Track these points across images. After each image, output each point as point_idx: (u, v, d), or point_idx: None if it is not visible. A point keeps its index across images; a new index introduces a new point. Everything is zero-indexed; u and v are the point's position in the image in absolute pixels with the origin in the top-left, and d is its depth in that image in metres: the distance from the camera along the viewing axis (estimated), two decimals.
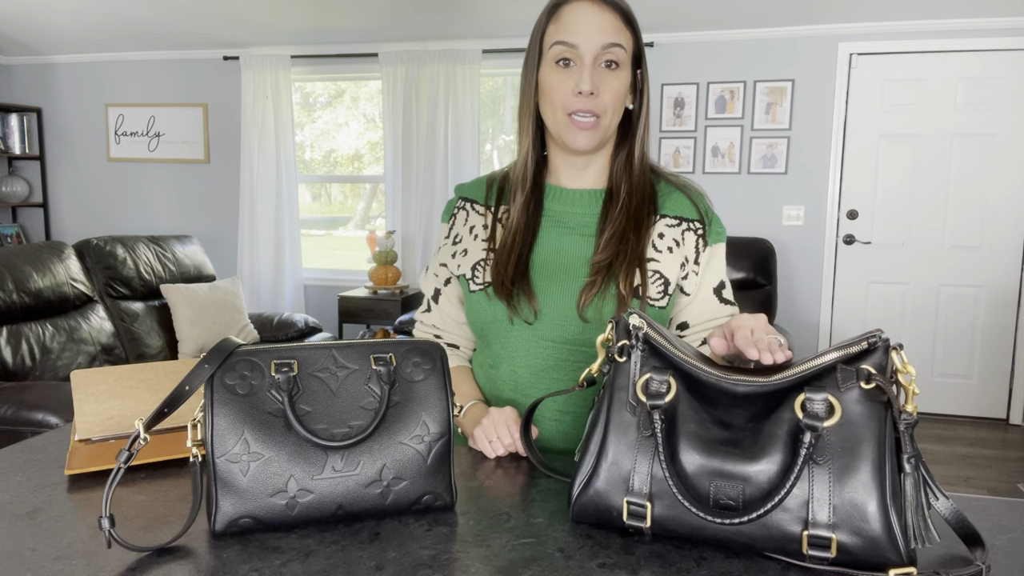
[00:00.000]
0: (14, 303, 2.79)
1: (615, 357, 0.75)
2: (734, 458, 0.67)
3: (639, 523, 0.69)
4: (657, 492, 0.69)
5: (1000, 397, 4.02)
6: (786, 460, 0.66)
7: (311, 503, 0.72)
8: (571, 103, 1.00)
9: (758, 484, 0.66)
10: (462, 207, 1.17)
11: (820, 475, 0.65)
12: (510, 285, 1.04)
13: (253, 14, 4.10)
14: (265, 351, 0.74)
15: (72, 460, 0.87)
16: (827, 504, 0.64)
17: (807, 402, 0.66)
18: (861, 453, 0.64)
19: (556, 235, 1.08)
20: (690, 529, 0.68)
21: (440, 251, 1.18)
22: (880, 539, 0.63)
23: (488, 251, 1.09)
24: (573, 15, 1.00)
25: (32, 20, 4.31)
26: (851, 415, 0.66)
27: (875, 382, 0.65)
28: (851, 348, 0.68)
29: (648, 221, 1.06)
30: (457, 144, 4.45)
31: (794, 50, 4.05)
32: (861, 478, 0.64)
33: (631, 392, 0.73)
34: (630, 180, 1.07)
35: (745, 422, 0.69)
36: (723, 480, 0.67)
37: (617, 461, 0.71)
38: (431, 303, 1.19)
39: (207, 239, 5.04)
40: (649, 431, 0.70)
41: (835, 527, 0.64)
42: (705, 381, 0.70)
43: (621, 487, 0.70)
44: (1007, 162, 3.87)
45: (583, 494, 0.72)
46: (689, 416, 0.70)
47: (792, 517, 0.65)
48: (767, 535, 0.66)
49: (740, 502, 0.67)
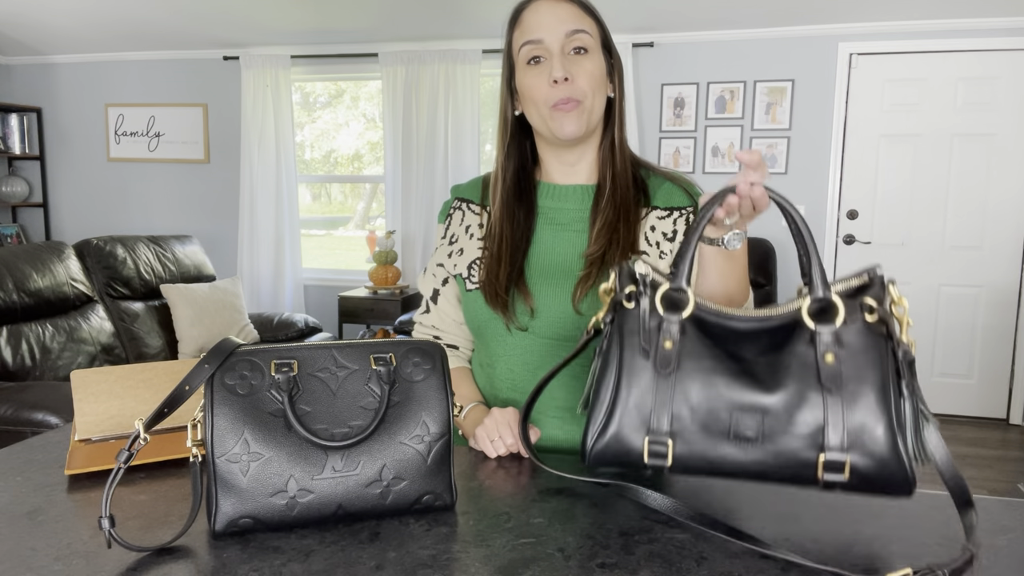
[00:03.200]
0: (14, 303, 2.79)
1: (623, 303, 0.76)
2: (751, 389, 0.70)
3: (660, 461, 0.71)
4: (677, 429, 0.71)
5: (1000, 397, 4.02)
6: (801, 389, 0.69)
7: (311, 503, 0.72)
8: (550, 95, 1.02)
9: (775, 414, 0.69)
10: (458, 207, 1.18)
11: (833, 403, 0.68)
12: (504, 294, 1.05)
13: (253, 14, 4.10)
14: (265, 351, 0.74)
15: (72, 460, 0.87)
16: (840, 428, 0.68)
17: (817, 334, 0.69)
18: (868, 380, 0.68)
19: (550, 233, 1.09)
20: (709, 463, 0.71)
21: (437, 252, 1.19)
22: (888, 459, 0.67)
23: (483, 250, 1.10)
24: (533, 15, 1.04)
25: (32, 20, 4.31)
26: (857, 345, 0.69)
27: (878, 314, 0.69)
28: (852, 282, 0.72)
29: (638, 212, 1.07)
30: (457, 144, 4.45)
31: (794, 50, 4.05)
32: (869, 403, 0.68)
33: (643, 336, 0.74)
34: (614, 170, 1.09)
35: (757, 356, 0.72)
36: (741, 412, 0.70)
37: (635, 404, 0.72)
38: (430, 304, 1.19)
39: (207, 239, 5.04)
40: (667, 369, 0.72)
41: (848, 450, 0.67)
42: (712, 323, 0.73)
43: (641, 428, 0.72)
44: (1007, 162, 3.87)
45: (600, 440, 0.73)
46: (702, 353, 0.72)
47: (807, 444, 0.68)
48: (783, 463, 0.69)
49: (758, 433, 0.69)
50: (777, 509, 0.78)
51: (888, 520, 0.76)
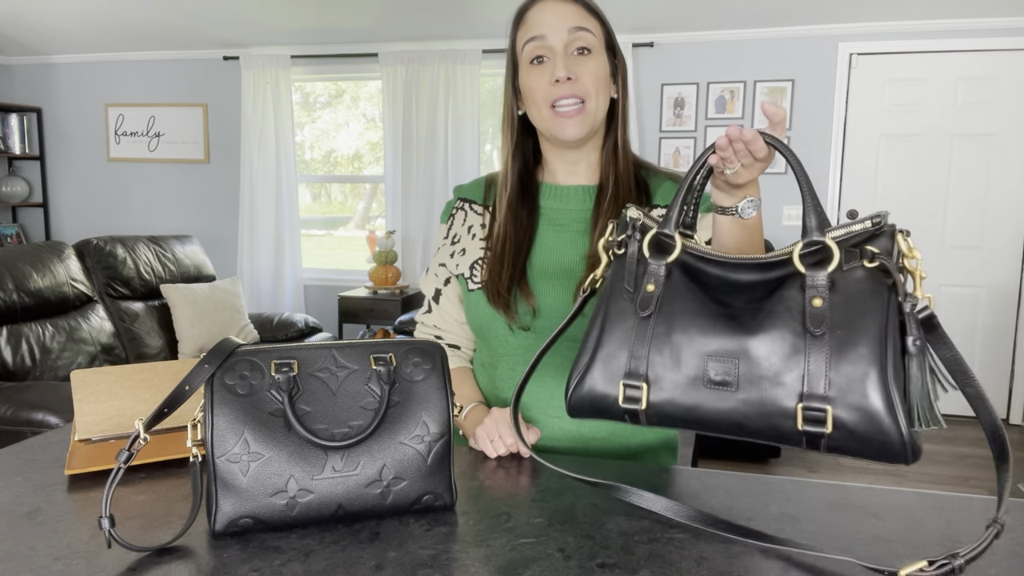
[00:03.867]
0: (14, 303, 2.79)
1: (615, 252, 0.75)
2: (732, 333, 0.67)
3: (635, 406, 0.69)
4: (653, 375, 0.69)
5: (1000, 397, 4.02)
6: (784, 334, 0.65)
7: (311, 503, 0.72)
8: (552, 93, 1.02)
9: (754, 359, 0.66)
10: (460, 207, 1.18)
11: (817, 349, 0.63)
12: (507, 294, 1.05)
13: (253, 14, 4.10)
14: (265, 351, 0.74)
15: (72, 460, 0.87)
16: (823, 377, 0.63)
17: (807, 278, 0.65)
18: (861, 328, 0.63)
19: (552, 235, 1.09)
20: (684, 410, 0.68)
21: (439, 251, 1.19)
22: (879, 413, 0.61)
23: (486, 250, 1.10)
24: (537, 14, 1.04)
25: (32, 20, 4.31)
26: (853, 292, 0.64)
27: (879, 261, 0.64)
28: (854, 227, 0.67)
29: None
30: (457, 144, 4.45)
31: (794, 50, 4.05)
32: (860, 351, 0.62)
33: (628, 278, 0.72)
34: (616, 171, 1.09)
35: (744, 304, 0.69)
36: (719, 356, 0.67)
37: (615, 348, 0.70)
38: (431, 304, 1.19)
39: (207, 239, 5.04)
40: (646, 311, 0.69)
41: (831, 400, 0.63)
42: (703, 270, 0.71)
43: (618, 373, 0.70)
44: (1007, 162, 3.87)
45: (580, 386, 0.72)
46: (686, 296, 0.70)
47: (787, 392, 0.64)
48: (761, 411, 0.65)
49: (736, 379, 0.66)
50: (777, 509, 0.78)
51: (889, 520, 0.76)
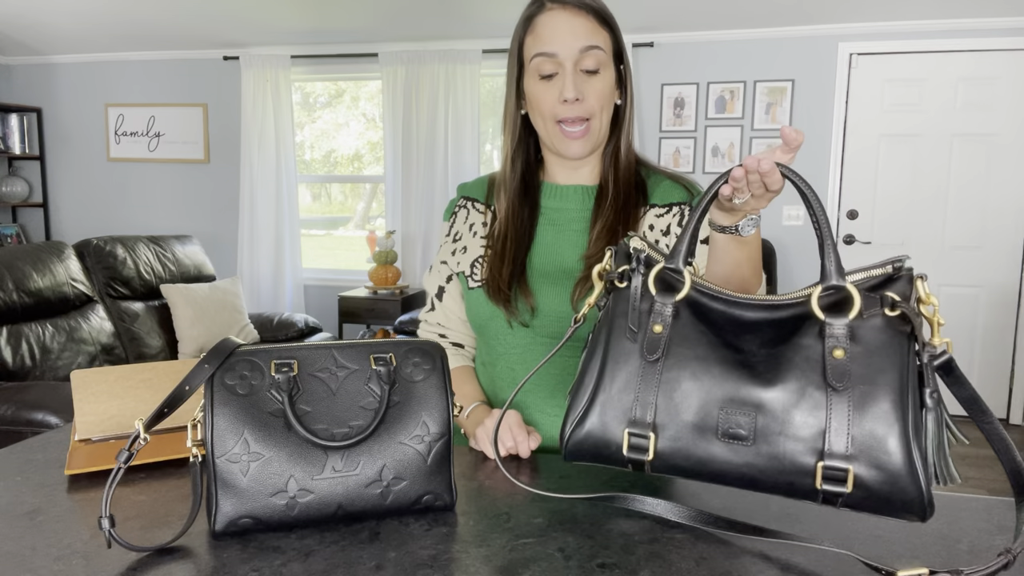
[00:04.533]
0: (14, 303, 2.79)
1: (615, 283, 0.71)
2: (747, 382, 0.63)
3: (641, 456, 0.65)
4: (662, 422, 0.65)
5: (1000, 397, 4.02)
6: (803, 386, 0.62)
7: (311, 503, 0.72)
8: (558, 111, 1.02)
9: (771, 412, 0.62)
10: (463, 205, 1.18)
11: (839, 404, 0.61)
12: (507, 290, 1.05)
13: (253, 14, 4.10)
14: (265, 351, 0.74)
15: (72, 460, 0.87)
16: (845, 434, 0.60)
17: (827, 326, 0.62)
18: (883, 382, 0.60)
19: (552, 234, 1.10)
20: (695, 463, 0.64)
21: (442, 249, 1.19)
22: (900, 473, 0.59)
23: (486, 248, 1.11)
24: (548, 25, 1.02)
25: (32, 20, 4.31)
26: (873, 343, 0.61)
27: (900, 309, 0.61)
28: (874, 272, 0.64)
29: (637, 213, 1.08)
30: (457, 144, 4.45)
31: (794, 50, 4.05)
32: (882, 407, 0.60)
33: (632, 317, 0.68)
34: (617, 173, 1.09)
35: (758, 348, 0.65)
36: (734, 407, 0.63)
37: (618, 392, 0.66)
38: (435, 301, 1.19)
39: (207, 239, 5.04)
40: (654, 355, 0.65)
41: (852, 458, 0.60)
42: (711, 307, 0.67)
43: (621, 419, 0.66)
44: (1007, 162, 3.87)
45: (578, 430, 0.67)
46: (696, 339, 0.66)
47: (806, 448, 0.61)
48: (778, 468, 0.62)
49: (752, 432, 0.62)
50: (777, 509, 0.78)
51: (889, 520, 0.76)
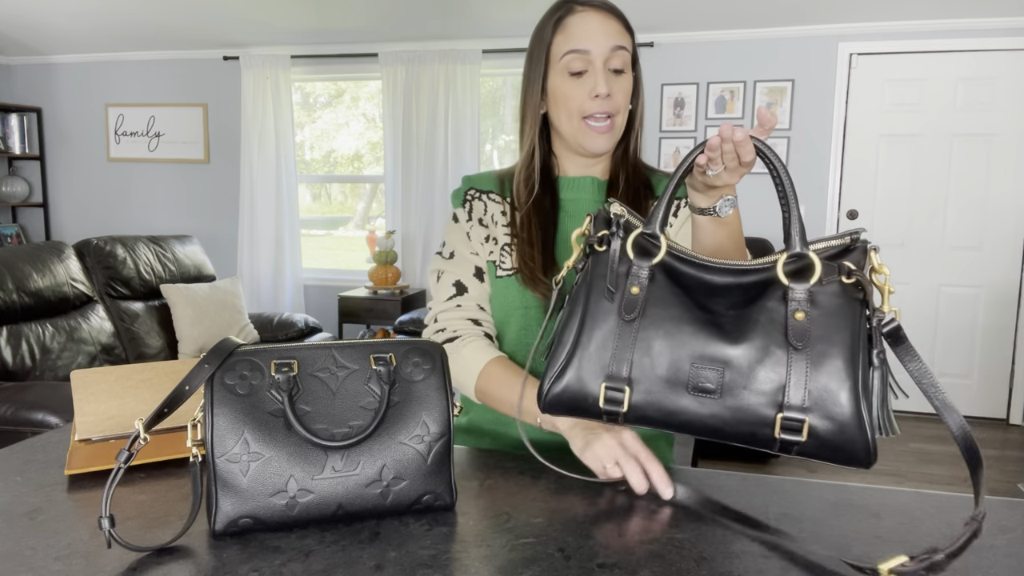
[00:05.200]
0: (14, 303, 2.79)
1: (594, 247, 0.75)
2: (716, 340, 0.69)
3: (616, 408, 0.70)
4: (636, 377, 0.70)
5: (1000, 397, 4.02)
6: (766, 345, 0.68)
7: (311, 503, 0.72)
8: (588, 107, 1.06)
9: (737, 367, 0.68)
10: (476, 196, 1.18)
11: (798, 361, 0.67)
12: (544, 277, 1.07)
13: (253, 14, 4.10)
14: (265, 351, 0.74)
15: (72, 460, 0.87)
16: (803, 388, 0.66)
17: (790, 291, 0.68)
18: (837, 342, 0.67)
19: (571, 225, 1.13)
20: (665, 414, 0.70)
21: (470, 236, 1.14)
22: (850, 424, 0.65)
23: (511, 236, 1.12)
24: (580, 24, 1.05)
25: (32, 20, 4.31)
26: (830, 307, 0.68)
27: (855, 277, 0.68)
28: (832, 242, 0.71)
29: (646, 204, 1.13)
30: (457, 144, 4.45)
31: (794, 50, 4.05)
32: (836, 365, 0.66)
33: (610, 278, 0.72)
34: (627, 170, 1.14)
35: (726, 309, 0.71)
36: (703, 363, 0.68)
37: (596, 349, 0.71)
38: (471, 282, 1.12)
39: (207, 239, 5.04)
40: (631, 315, 0.70)
41: (808, 410, 0.66)
42: (684, 272, 0.72)
43: (599, 374, 0.70)
44: (1007, 162, 3.87)
45: (557, 383, 0.72)
46: (670, 301, 0.71)
47: (767, 401, 0.67)
48: (740, 418, 0.68)
49: (719, 386, 0.68)
50: (777, 509, 0.78)
51: (888, 520, 0.76)
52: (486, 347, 1.08)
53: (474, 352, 1.07)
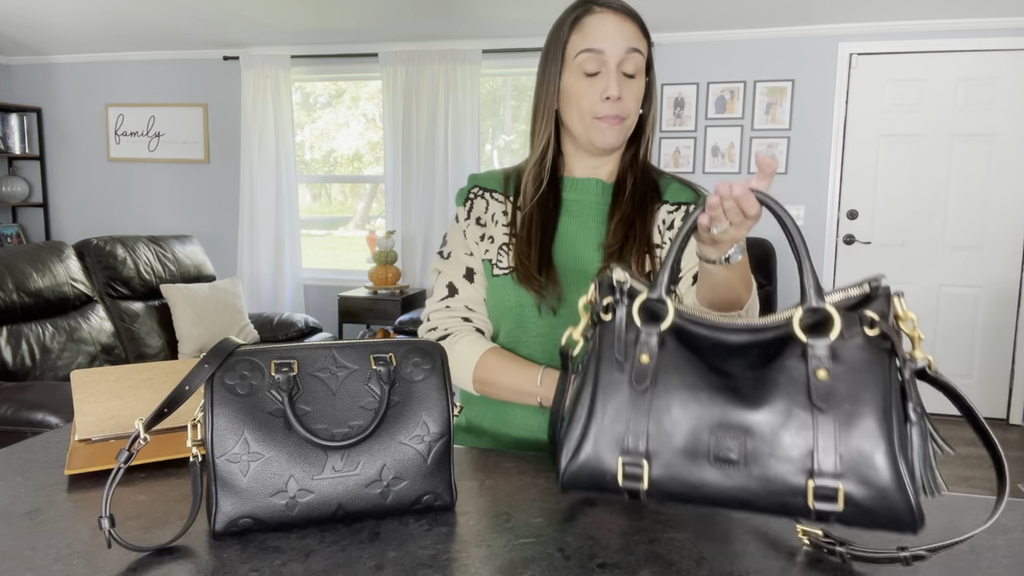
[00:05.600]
0: (14, 303, 2.79)
1: (600, 316, 0.72)
2: (735, 406, 0.65)
3: (635, 484, 0.66)
4: (654, 450, 0.66)
5: (1000, 397, 4.02)
6: (789, 407, 0.64)
7: (311, 503, 0.72)
8: (599, 108, 1.06)
9: (760, 434, 0.64)
10: (479, 195, 1.18)
11: (825, 423, 0.63)
12: (538, 275, 1.07)
13: (253, 14, 4.10)
14: (265, 351, 0.74)
15: (72, 460, 0.87)
16: (833, 452, 0.62)
17: (809, 348, 0.64)
18: (867, 400, 0.62)
19: (573, 225, 1.13)
20: (689, 488, 0.66)
21: (466, 233, 1.16)
22: (889, 488, 0.61)
23: (510, 236, 1.12)
24: (598, 25, 1.06)
25: (32, 20, 4.31)
26: (855, 362, 0.63)
27: (879, 328, 0.63)
28: (851, 292, 0.66)
29: (653, 207, 1.12)
30: (457, 144, 4.45)
31: (794, 50, 4.05)
32: (867, 425, 0.62)
33: (618, 347, 0.69)
34: (635, 174, 1.14)
35: (743, 370, 0.67)
36: (723, 431, 0.65)
37: (610, 422, 0.68)
38: (462, 284, 1.15)
39: (207, 239, 5.04)
40: (643, 385, 0.67)
41: (842, 476, 0.62)
42: (696, 333, 0.68)
43: (615, 448, 0.67)
44: (1007, 162, 3.87)
45: (573, 460, 0.69)
46: (683, 367, 0.67)
47: (796, 468, 0.63)
48: (769, 489, 0.63)
49: (742, 455, 0.64)
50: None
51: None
52: (479, 340, 1.11)
53: (468, 346, 1.10)
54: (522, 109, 4.66)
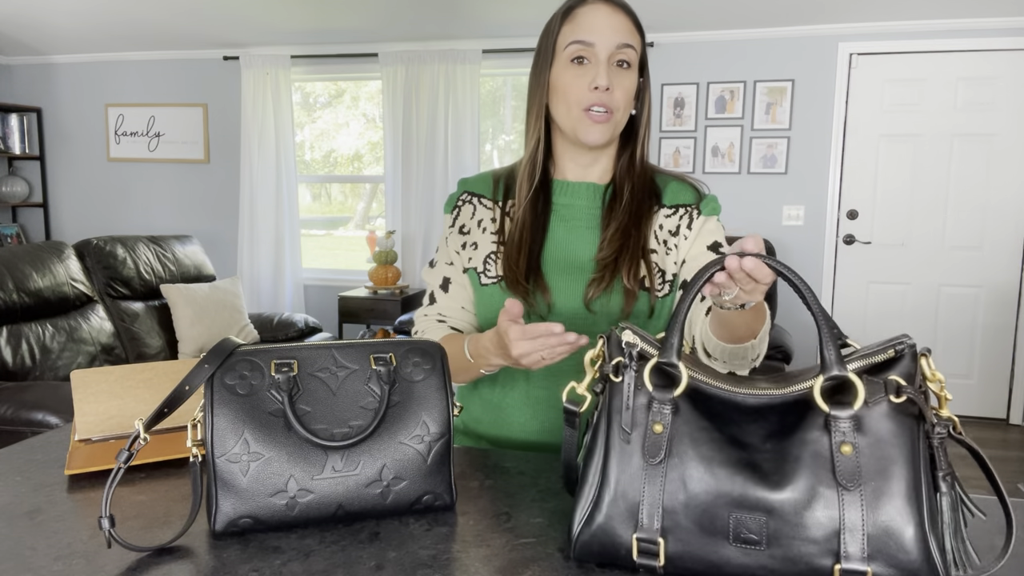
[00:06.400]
0: (14, 303, 2.79)
1: (610, 376, 0.68)
2: (755, 484, 0.62)
3: (651, 561, 0.64)
4: (669, 526, 0.63)
5: (1000, 397, 4.02)
6: (813, 485, 0.60)
7: (311, 503, 0.72)
8: (586, 98, 1.03)
9: (783, 515, 0.61)
10: (468, 200, 1.17)
11: (851, 501, 0.59)
12: (524, 281, 1.06)
13: (253, 14, 4.10)
14: (265, 351, 0.74)
15: (72, 460, 0.87)
16: (860, 533, 0.59)
17: (832, 420, 0.61)
18: (894, 474, 0.59)
19: (564, 230, 1.11)
20: (708, 566, 0.63)
21: (448, 242, 1.16)
22: (919, 569, 0.58)
23: (498, 244, 1.11)
24: (588, 16, 1.04)
25: (32, 20, 4.31)
26: (881, 433, 0.60)
27: (905, 395, 0.60)
28: (876, 357, 0.63)
29: (649, 213, 1.10)
30: (457, 144, 4.45)
31: (794, 50, 4.05)
32: (896, 503, 0.59)
33: (625, 418, 0.66)
34: (632, 179, 1.11)
35: (762, 441, 0.64)
36: (743, 511, 0.62)
37: (622, 492, 0.64)
38: (437, 294, 1.16)
39: (207, 239, 5.04)
40: (657, 458, 0.64)
41: (871, 559, 0.59)
42: (712, 395, 0.65)
43: (629, 521, 0.64)
44: (1007, 162, 3.87)
45: (586, 530, 0.65)
46: (699, 437, 0.64)
47: (821, 550, 0.60)
48: (794, 571, 0.61)
49: (763, 536, 0.61)
50: None
51: None
52: (438, 334, 1.12)
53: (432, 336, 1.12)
54: (522, 109, 4.66)
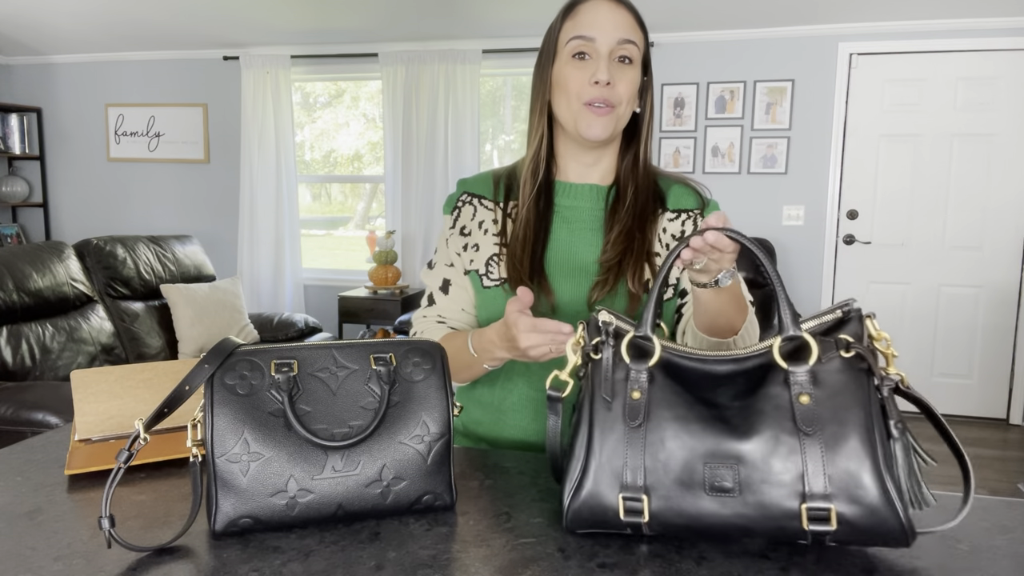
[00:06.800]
0: (14, 303, 2.79)
1: (591, 356, 0.74)
2: (725, 436, 0.67)
3: (637, 519, 0.68)
4: (652, 484, 0.68)
5: (1000, 397, 4.02)
6: (776, 434, 0.66)
7: (311, 503, 0.72)
8: (587, 93, 1.02)
9: (752, 462, 0.66)
10: (468, 201, 1.16)
11: (812, 447, 0.65)
12: (529, 281, 1.05)
13: (253, 14, 4.10)
14: (265, 351, 0.74)
15: (72, 460, 0.87)
16: (822, 475, 0.65)
17: (790, 375, 0.67)
18: (849, 420, 0.65)
19: (566, 231, 1.10)
20: (688, 519, 0.67)
21: (448, 243, 1.15)
22: (878, 505, 0.64)
23: (500, 246, 1.10)
24: (590, 12, 1.04)
25: (32, 20, 4.31)
26: (835, 385, 0.67)
27: (855, 350, 0.67)
28: (825, 317, 0.71)
29: (654, 216, 1.09)
30: (457, 144, 4.45)
31: (794, 50, 4.05)
32: (852, 445, 0.65)
33: (605, 387, 0.72)
34: (636, 180, 1.10)
35: (731, 400, 0.70)
36: (716, 461, 0.67)
37: (607, 459, 0.69)
38: (436, 296, 1.16)
39: (207, 239, 5.04)
40: (636, 420, 0.69)
41: (832, 497, 0.64)
42: (683, 366, 0.71)
43: (614, 484, 0.69)
44: (1007, 162, 3.87)
45: (576, 498, 0.70)
46: (673, 400, 0.70)
47: (789, 492, 0.65)
48: (765, 515, 0.66)
49: (736, 483, 0.66)
50: None
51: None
52: (437, 333, 1.12)
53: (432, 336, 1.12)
54: (522, 109, 4.66)
